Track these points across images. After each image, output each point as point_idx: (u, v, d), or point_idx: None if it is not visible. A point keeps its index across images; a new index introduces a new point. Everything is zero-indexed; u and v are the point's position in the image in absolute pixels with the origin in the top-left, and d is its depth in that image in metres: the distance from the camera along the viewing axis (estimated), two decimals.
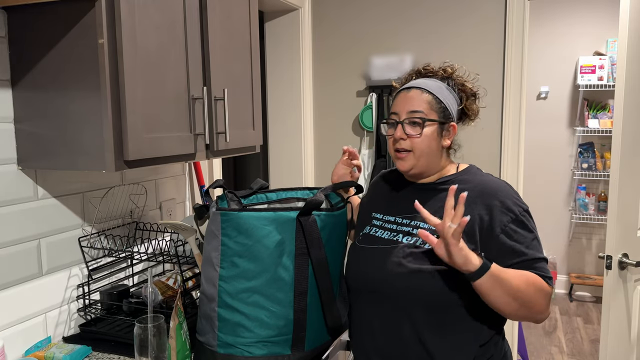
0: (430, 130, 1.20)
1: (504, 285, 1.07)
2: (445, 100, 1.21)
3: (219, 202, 1.25)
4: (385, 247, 1.21)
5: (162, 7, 1.25)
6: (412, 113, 1.20)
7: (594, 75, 4.23)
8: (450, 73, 1.26)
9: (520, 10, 2.53)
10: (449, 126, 1.22)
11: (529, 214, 1.17)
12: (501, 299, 1.08)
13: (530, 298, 1.10)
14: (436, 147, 1.21)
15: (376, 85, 2.86)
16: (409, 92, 1.23)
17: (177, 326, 1.19)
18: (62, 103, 1.19)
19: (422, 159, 1.21)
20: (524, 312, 1.11)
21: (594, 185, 4.53)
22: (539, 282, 1.11)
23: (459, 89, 1.27)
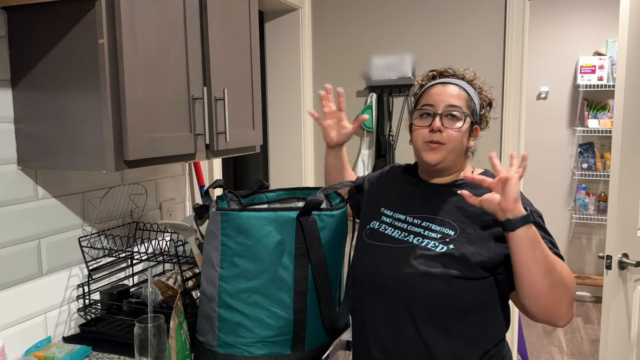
0: (465, 128, 1.19)
1: (542, 250, 1.00)
2: (476, 101, 1.22)
3: (218, 202, 1.25)
4: (395, 247, 1.19)
5: (162, 7, 1.25)
6: (451, 107, 1.18)
7: (594, 75, 4.23)
8: (471, 79, 1.26)
9: (520, 10, 2.53)
10: (475, 128, 1.22)
11: (543, 220, 1.15)
12: (535, 264, 1.00)
13: (562, 280, 1.02)
14: (464, 145, 1.20)
15: (376, 85, 2.86)
16: (445, 86, 1.21)
17: (177, 326, 1.19)
18: (62, 103, 1.19)
19: (453, 154, 1.19)
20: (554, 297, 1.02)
21: (594, 185, 4.53)
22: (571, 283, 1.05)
23: (482, 97, 1.27)
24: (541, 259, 1.00)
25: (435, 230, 1.17)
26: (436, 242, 1.14)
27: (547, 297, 1.02)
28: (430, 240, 1.15)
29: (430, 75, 1.30)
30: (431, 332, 1.13)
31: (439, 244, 1.14)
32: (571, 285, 1.05)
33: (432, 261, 1.12)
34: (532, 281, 1.01)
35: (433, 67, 1.33)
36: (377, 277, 1.20)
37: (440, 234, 1.15)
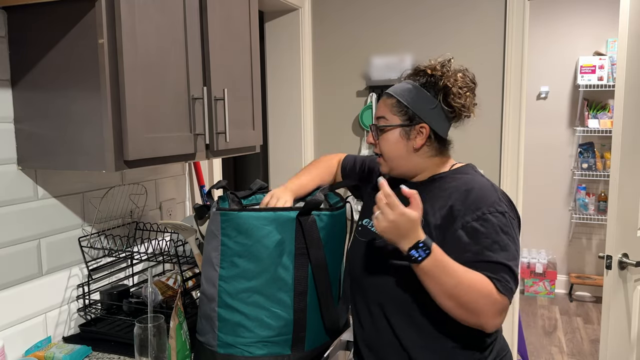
0: (392, 135, 1.20)
1: (440, 276, 1.03)
2: (412, 102, 1.18)
3: (220, 202, 1.25)
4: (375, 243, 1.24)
5: (162, 7, 1.25)
6: (377, 119, 1.24)
7: (594, 75, 4.23)
8: (433, 68, 1.21)
9: (520, 10, 2.53)
10: (418, 127, 1.19)
11: (505, 216, 1.11)
12: (435, 291, 1.05)
13: (469, 300, 1.04)
14: (404, 150, 1.20)
15: (376, 85, 2.86)
16: (381, 99, 1.26)
17: (177, 326, 1.19)
18: (62, 103, 1.19)
19: (393, 162, 1.22)
20: (462, 315, 1.06)
21: (594, 185, 4.53)
22: (486, 287, 1.04)
23: (439, 87, 1.20)
24: (439, 287, 1.04)
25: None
26: None
27: (456, 313, 1.06)
28: None
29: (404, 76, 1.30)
30: (401, 324, 1.17)
31: None
32: (486, 302, 1.04)
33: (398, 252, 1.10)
34: (439, 302, 1.07)
35: None
36: (354, 272, 1.28)
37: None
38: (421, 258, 1.02)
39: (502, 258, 1.08)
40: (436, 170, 1.23)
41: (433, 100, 1.19)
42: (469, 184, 1.16)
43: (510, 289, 1.07)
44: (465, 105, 1.20)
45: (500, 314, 1.07)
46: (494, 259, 1.07)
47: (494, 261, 1.07)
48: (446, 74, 1.20)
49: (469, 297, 1.04)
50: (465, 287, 1.03)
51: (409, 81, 1.23)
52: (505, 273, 1.07)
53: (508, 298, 1.07)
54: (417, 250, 1.02)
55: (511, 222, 1.12)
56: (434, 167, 1.23)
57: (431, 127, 1.19)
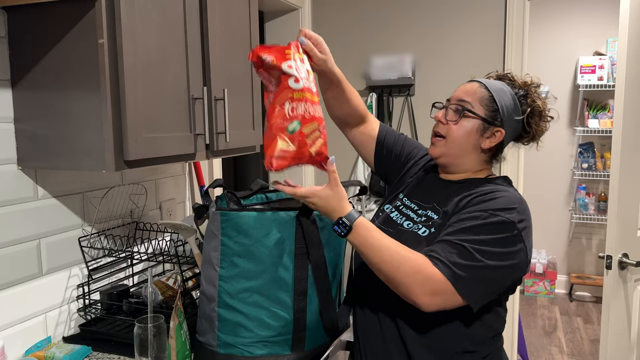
0: (470, 123, 1.15)
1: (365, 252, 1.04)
2: (502, 103, 1.15)
3: (218, 202, 1.25)
4: (389, 231, 1.19)
5: (162, 7, 1.25)
6: (460, 101, 1.17)
7: (594, 75, 4.23)
8: (528, 85, 1.20)
9: (520, 10, 2.53)
10: (494, 129, 1.16)
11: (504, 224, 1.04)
12: (367, 262, 1.07)
13: (395, 276, 1.02)
14: (472, 144, 1.16)
15: (376, 85, 2.86)
16: (469, 83, 1.20)
17: (177, 326, 1.19)
18: (62, 103, 1.19)
19: (453, 149, 1.17)
20: (395, 289, 1.05)
21: (594, 185, 4.53)
22: (417, 264, 1.01)
23: (528, 103, 1.18)
24: (370, 261, 1.05)
25: (424, 215, 1.18)
26: (420, 225, 1.15)
27: (392, 286, 1.05)
28: (418, 224, 1.15)
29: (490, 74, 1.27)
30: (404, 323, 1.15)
31: (423, 226, 1.14)
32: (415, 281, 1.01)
33: (413, 244, 1.10)
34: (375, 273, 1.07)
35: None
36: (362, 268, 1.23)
37: (425, 217, 1.16)
38: (343, 233, 1.05)
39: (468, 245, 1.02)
40: (474, 175, 1.21)
41: (520, 113, 1.17)
42: (498, 189, 1.12)
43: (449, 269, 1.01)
44: (540, 133, 1.20)
45: (433, 294, 1.01)
46: (455, 240, 1.04)
47: (454, 242, 1.03)
48: (536, 95, 1.19)
49: (395, 272, 1.02)
50: (390, 264, 1.02)
51: (505, 84, 1.19)
52: (451, 249, 1.03)
53: (446, 276, 1.01)
54: (339, 226, 1.05)
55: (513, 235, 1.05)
56: (475, 172, 1.21)
57: (505, 135, 1.17)
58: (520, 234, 1.06)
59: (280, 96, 1.01)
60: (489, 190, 1.12)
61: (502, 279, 1.06)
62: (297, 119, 1.00)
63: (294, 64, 1.02)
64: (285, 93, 1.01)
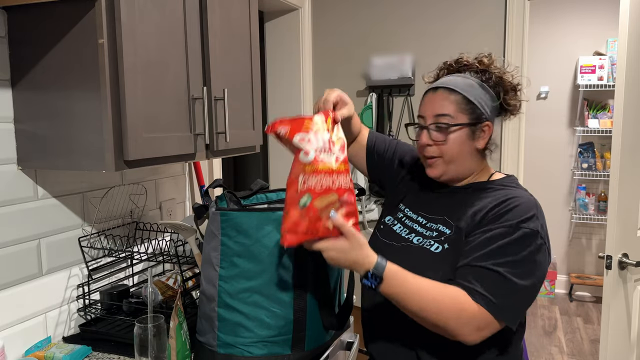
0: (459, 135, 1.10)
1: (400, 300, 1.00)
2: (477, 99, 1.11)
3: (218, 202, 1.25)
4: (394, 245, 1.18)
5: (162, 8, 1.25)
6: (438, 117, 1.11)
7: (594, 75, 4.23)
8: (487, 65, 1.15)
9: (520, 10, 2.53)
10: (482, 126, 1.12)
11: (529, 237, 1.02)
12: (404, 311, 1.02)
13: (438, 321, 0.99)
14: (468, 151, 1.13)
15: (376, 85, 2.86)
16: (435, 92, 1.13)
17: (177, 326, 1.19)
18: (62, 103, 1.19)
19: (453, 164, 1.13)
20: (440, 332, 1.01)
21: (594, 185, 4.53)
22: (457, 304, 0.98)
23: (496, 83, 1.14)
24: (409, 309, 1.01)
25: (434, 229, 1.15)
26: (432, 241, 1.12)
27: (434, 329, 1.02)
28: (429, 239, 1.13)
29: (441, 69, 1.22)
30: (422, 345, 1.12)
31: (435, 242, 1.11)
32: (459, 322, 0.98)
33: (428, 262, 1.09)
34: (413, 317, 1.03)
35: (433, 67, 1.25)
36: None
37: (437, 232, 1.13)
38: (374, 286, 1.01)
39: (495, 265, 1.00)
40: (476, 177, 1.17)
41: (494, 98, 1.13)
42: (510, 195, 1.09)
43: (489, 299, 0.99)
44: (519, 106, 1.16)
45: (479, 329, 0.99)
46: (483, 264, 1.01)
47: (482, 266, 1.00)
48: (498, 71, 1.14)
49: (437, 317, 0.99)
50: (431, 309, 0.99)
51: (467, 75, 1.15)
52: (490, 278, 1.00)
53: (489, 311, 0.99)
54: (368, 279, 1.01)
55: (539, 245, 1.03)
56: (477, 174, 1.18)
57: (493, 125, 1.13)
58: (545, 241, 1.05)
59: (295, 169, 1.01)
60: (503, 199, 1.08)
61: (537, 290, 1.05)
62: (308, 193, 0.98)
63: (307, 135, 1.00)
64: (297, 166, 1.00)
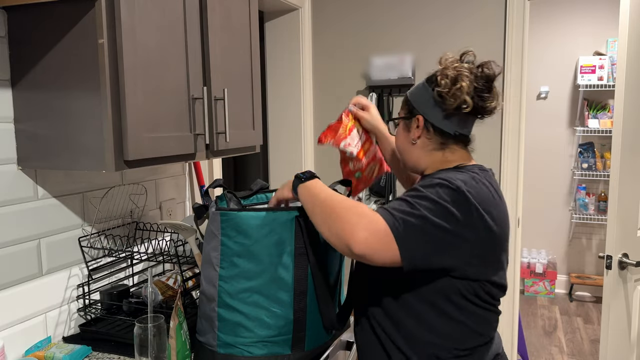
0: (400, 128, 1.25)
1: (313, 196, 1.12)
2: (412, 95, 1.22)
3: (218, 202, 1.25)
4: None
5: (162, 7, 1.25)
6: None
7: (594, 75, 4.23)
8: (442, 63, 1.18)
9: (520, 10, 2.53)
10: (415, 118, 1.18)
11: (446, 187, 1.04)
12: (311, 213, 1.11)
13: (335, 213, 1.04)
14: (406, 142, 1.23)
15: (376, 85, 2.86)
16: None
17: (177, 326, 1.19)
18: (62, 103, 1.19)
19: (401, 154, 1.26)
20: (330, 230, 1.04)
21: (594, 185, 4.53)
22: (358, 205, 1.05)
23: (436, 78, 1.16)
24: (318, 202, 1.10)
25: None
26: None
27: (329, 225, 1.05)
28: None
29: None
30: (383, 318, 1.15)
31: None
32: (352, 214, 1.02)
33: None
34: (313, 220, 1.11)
35: (433, 67, 1.30)
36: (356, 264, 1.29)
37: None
38: (304, 178, 1.16)
39: (409, 197, 1.05)
40: (439, 166, 1.19)
41: (428, 90, 1.16)
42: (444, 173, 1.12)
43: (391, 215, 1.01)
44: (455, 95, 1.11)
45: (369, 232, 0.99)
46: (399, 197, 1.08)
47: (396, 198, 1.09)
48: (445, 65, 1.16)
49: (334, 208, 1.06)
50: (333, 202, 1.07)
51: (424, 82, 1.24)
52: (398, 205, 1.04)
53: (388, 222, 1.00)
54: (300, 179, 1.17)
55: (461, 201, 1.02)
56: (437, 164, 1.19)
57: (426, 118, 1.16)
58: (467, 201, 1.02)
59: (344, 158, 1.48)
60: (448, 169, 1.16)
61: (447, 241, 1.01)
62: (359, 171, 1.46)
63: (346, 140, 1.38)
64: (345, 158, 1.46)
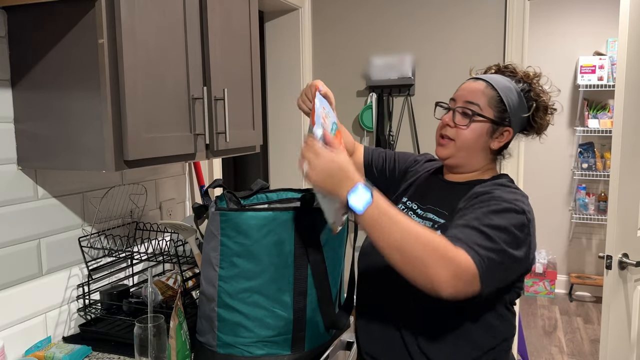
0: (480, 127, 1.14)
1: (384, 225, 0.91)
2: (510, 102, 1.14)
3: (218, 202, 1.25)
4: None
5: (162, 7, 1.25)
6: (468, 104, 1.15)
7: (594, 75, 4.23)
8: (531, 78, 1.19)
9: (520, 10, 2.53)
10: (503, 130, 1.15)
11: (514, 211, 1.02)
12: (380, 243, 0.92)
13: (415, 251, 0.90)
14: (481, 146, 1.16)
15: (376, 85, 2.86)
16: (475, 82, 1.18)
17: (177, 326, 1.19)
18: (62, 103, 1.19)
19: (462, 152, 1.16)
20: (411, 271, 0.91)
21: (594, 185, 4.53)
22: (436, 240, 0.91)
23: (533, 98, 1.17)
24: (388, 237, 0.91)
25: (428, 218, 1.17)
26: None
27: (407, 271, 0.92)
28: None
29: (489, 68, 1.26)
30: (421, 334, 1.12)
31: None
32: (437, 261, 0.89)
33: None
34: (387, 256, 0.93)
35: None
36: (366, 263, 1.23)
37: (430, 221, 1.16)
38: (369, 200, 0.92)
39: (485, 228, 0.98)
40: (478, 176, 1.20)
41: (526, 110, 1.16)
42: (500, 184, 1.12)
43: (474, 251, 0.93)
44: (545, 126, 1.19)
45: (456, 277, 0.90)
46: (473, 225, 0.99)
47: (472, 226, 0.99)
48: (540, 89, 1.17)
49: (414, 247, 0.90)
50: (412, 238, 0.90)
51: (509, 80, 1.17)
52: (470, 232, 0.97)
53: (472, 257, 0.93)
54: (357, 193, 0.92)
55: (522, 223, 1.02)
56: (483, 171, 1.20)
57: (512, 133, 1.17)
58: (529, 225, 1.04)
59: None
60: (492, 184, 1.12)
61: (514, 269, 1.02)
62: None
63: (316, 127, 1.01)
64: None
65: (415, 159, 1.39)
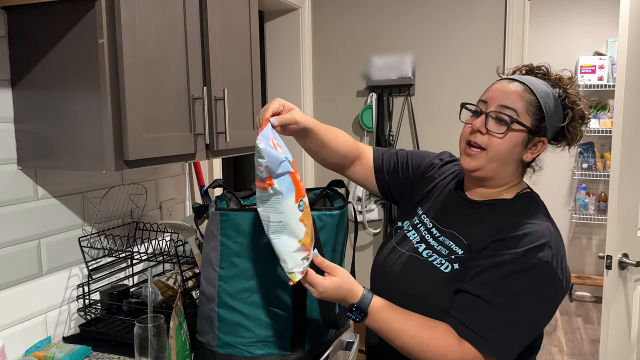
0: (516, 136, 1.00)
1: (385, 335, 1.00)
2: (548, 109, 1.01)
3: (217, 202, 1.25)
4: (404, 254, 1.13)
5: (162, 7, 1.25)
6: (503, 108, 1.00)
7: (594, 75, 4.23)
8: (566, 84, 1.05)
9: (520, 10, 2.53)
10: (538, 140, 1.03)
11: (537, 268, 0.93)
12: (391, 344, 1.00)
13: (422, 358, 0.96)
14: (515, 157, 1.03)
15: (376, 85, 2.86)
16: (510, 83, 1.03)
17: (177, 326, 1.19)
18: (62, 103, 1.19)
19: (494, 163, 1.02)
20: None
21: (594, 185, 4.53)
22: (445, 346, 0.95)
23: (569, 106, 1.04)
24: (393, 343, 1.00)
25: (446, 244, 1.07)
26: (442, 260, 1.05)
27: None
28: (439, 257, 1.06)
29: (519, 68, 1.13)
30: None
31: (445, 261, 1.04)
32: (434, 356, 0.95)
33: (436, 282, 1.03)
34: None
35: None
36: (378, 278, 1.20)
37: (448, 249, 1.06)
38: (358, 319, 1.00)
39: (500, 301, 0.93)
40: (503, 193, 1.08)
41: (561, 119, 1.04)
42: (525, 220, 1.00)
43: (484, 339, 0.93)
44: (579, 137, 1.07)
45: None
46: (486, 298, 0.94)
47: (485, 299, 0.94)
48: (576, 96, 1.04)
49: (420, 356, 0.96)
50: (414, 348, 0.96)
51: (545, 83, 1.05)
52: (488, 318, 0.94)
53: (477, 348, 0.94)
54: (352, 313, 1.01)
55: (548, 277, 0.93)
56: (506, 189, 1.08)
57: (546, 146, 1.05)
58: (557, 273, 0.95)
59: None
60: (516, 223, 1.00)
61: (540, 324, 0.98)
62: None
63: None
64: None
65: (431, 163, 1.25)
